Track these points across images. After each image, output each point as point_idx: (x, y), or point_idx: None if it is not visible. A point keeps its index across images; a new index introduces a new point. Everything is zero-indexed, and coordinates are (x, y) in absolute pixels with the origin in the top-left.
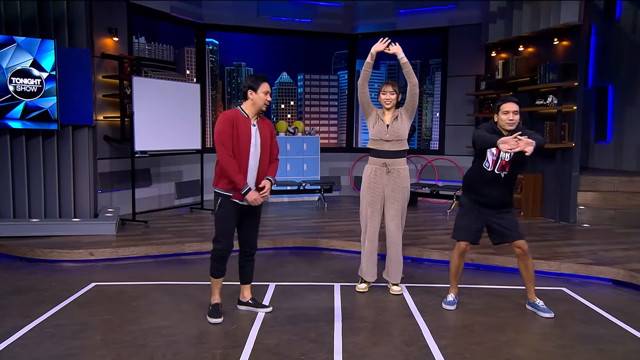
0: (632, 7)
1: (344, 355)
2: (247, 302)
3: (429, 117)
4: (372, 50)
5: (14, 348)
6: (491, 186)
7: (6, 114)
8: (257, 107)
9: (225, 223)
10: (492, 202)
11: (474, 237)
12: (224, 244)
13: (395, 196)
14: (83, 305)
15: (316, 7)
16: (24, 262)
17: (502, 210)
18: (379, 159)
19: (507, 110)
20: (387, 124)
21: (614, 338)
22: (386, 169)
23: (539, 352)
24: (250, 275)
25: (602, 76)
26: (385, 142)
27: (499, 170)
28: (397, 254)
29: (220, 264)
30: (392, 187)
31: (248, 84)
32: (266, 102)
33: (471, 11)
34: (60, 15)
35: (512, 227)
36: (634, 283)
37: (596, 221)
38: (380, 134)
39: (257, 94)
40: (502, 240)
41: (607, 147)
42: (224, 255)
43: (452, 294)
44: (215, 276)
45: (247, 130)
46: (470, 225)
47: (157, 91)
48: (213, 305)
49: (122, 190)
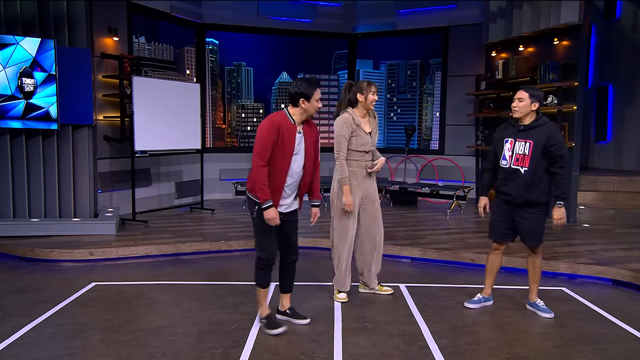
0: (632, 7)
1: (344, 355)
2: (285, 312)
3: (429, 117)
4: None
5: (15, 347)
6: (511, 183)
7: (7, 113)
8: (307, 115)
9: (266, 231)
10: (513, 200)
11: (502, 235)
12: (268, 252)
13: (374, 199)
14: (83, 304)
15: (316, 7)
16: (24, 262)
17: (528, 210)
18: (360, 163)
19: (514, 97)
20: (368, 132)
21: (613, 338)
22: (366, 170)
23: (539, 351)
24: (290, 283)
25: (602, 76)
26: (366, 153)
27: (517, 165)
28: (380, 255)
29: (265, 272)
30: (372, 191)
31: (300, 90)
32: (317, 109)
33: (471, 11)
34: (60, 15)
35: (531, 230)
36: (634, 283)
37: (596, 221)
38: (365, 145)
39: (310, 103)
40: (522, 239)
41: (607, 147)
42: (270, 263)
43: (479, 295)
44: (262, 286)
45: (292, 138)
46: (497, 224)
47: (157, 91)
48: (265, 317)
49: (122, 190)
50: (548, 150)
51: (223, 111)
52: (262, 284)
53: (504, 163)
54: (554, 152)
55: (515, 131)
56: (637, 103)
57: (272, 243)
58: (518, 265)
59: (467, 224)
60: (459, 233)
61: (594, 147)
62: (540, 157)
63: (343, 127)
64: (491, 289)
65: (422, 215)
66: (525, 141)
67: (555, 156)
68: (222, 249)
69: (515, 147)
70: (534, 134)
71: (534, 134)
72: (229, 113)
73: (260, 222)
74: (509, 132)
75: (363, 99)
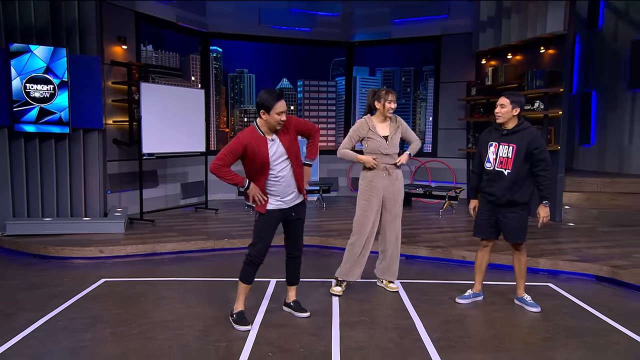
0: (613, 18)
1: (341, 348)
2: (289, 304)
3: (423, 121)
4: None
5: (29, 340)
6: (495, 185)
7: (21, 118)
8: (270, 127)
9: (263, 230)
10: (497, 200)
11: (486, 233)
12: (257, 249)
13: (395, 198)
14: (93, 300)
15: (315, 17)
16: (38, 259)
17: (510, 210)
18: (379, 165)
19: (497, 103)
20: (385, 135)
21: (597, 331)
22: (386, 172)
23: (526, 344)
24: (294, 276)
25: (586, 83)
26: (384, 156)
27: (500, 167)
28: (398, 254)
29: (251, 269)
30: (392, 190)
31: (262, 101)
32: (280, 122)
33: (462, 21)
34: (72, 25)
35: (514, 228)
36: (616, 279)
37: (580, 220)
38: (380, 148)
39: (271, 115)
40: (504, 236)
41: (591, 150)
42: (255, 260)
43: (469, 290)
44: (244, 281)
45: (263, 150)
46: (481, 222)
47: (163, 96)
48: (237, 313)
49: (131, 190)
50: (531, 154)
51: (226, 115)
52: (245, 280)
53: (488, 165)
54: (536, 155)
55: (499, 135)
56: (618, 108)
57: (265, 243)
58: (506, 262)
59: (459, 223)
60: (451, 232)
61: (578, 150)
62: (522, 160)
63: (354, 129)
64: (481, 285)
65: (416, 214)
66: (509, 145)
67: (538, 159)
68: (225, 246)
69: (499, 151)
70: (517, 138)
71: (517, 138)
72: (232, 117)
73: (261, 224)
74: (493, 136)
75: (381, 107)
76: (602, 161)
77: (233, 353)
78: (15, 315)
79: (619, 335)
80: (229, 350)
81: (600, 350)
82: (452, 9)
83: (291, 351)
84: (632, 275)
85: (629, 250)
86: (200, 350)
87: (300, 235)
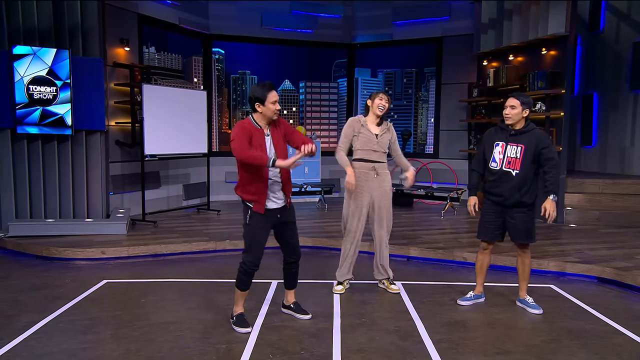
0: (615, 19)
1: (342, 350)
2: (289, 306)
3: (424, 123)
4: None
5: (29, 342)
6: (502, 185)
7: (24, 119)
8: (267, 119)
9: (254, 235)
10: (505, 201)
11: (491, 236)
12: (251, 256)
13: (384, 199)
14: (95, 301)
15: (317, 18)
16: (40, 260)
17: (517, 210)
18: (367, 164)
19: (505, 104)
20: (375, 133)
21: (599, 333)
22: (375, 172)
23: (528, 346)
24: (292, 280)
25: (587, 84)
26: (373, 152)
27: (508, 168)
28: (387, 254)
29: (247, 277)
30: (380, 192)
31: (255, 95)
32: (276, 112)
33: (464, 22)
34: (75, 27)
35: (523, 229)
36: (618, 280)
37: (582, 221)
38: (369, 143)
39: (266, 106)
40: (512, 238)
41: (593, 151)
42: (251, 268)
43: (471, 292)
44: (240, 289)
45: (262, 142)
46: (486, 225)
47: (166, 98)
48: (237, 315)
49: (133, 192)
50: (540, 154)
51: (229, 117)
52: (241, 288)
53: (494, 165)
54: (545, 154)
55: (506, 135)
56: (620, 110)
57: (258, 249)
58: (508, 263)
59: (460, 224)
60: (453, 233)
61: (580, 151)
62: (530, 160)
63: (347, 126)
64: (482, 286)
65: (417, 216)
66: (517, 145)
67: (547, 158)
68: (227, 248)
69: (506, 151)
70: (525, 138)
71: (525, 138)
72: (234, 119)
73: (251, 228)
74: (499, 136)
75: (371, 104)
76: (604, 162)
77: (233, 355)
78: (16, 317)
79: (621, 337)
80: (230, 353)
81: (602, 352)
82: (454, 11)
83: (292, 353)
84: (635, 277)
85: (631, 251)
86: (201, 353)
87: (295, 240)
